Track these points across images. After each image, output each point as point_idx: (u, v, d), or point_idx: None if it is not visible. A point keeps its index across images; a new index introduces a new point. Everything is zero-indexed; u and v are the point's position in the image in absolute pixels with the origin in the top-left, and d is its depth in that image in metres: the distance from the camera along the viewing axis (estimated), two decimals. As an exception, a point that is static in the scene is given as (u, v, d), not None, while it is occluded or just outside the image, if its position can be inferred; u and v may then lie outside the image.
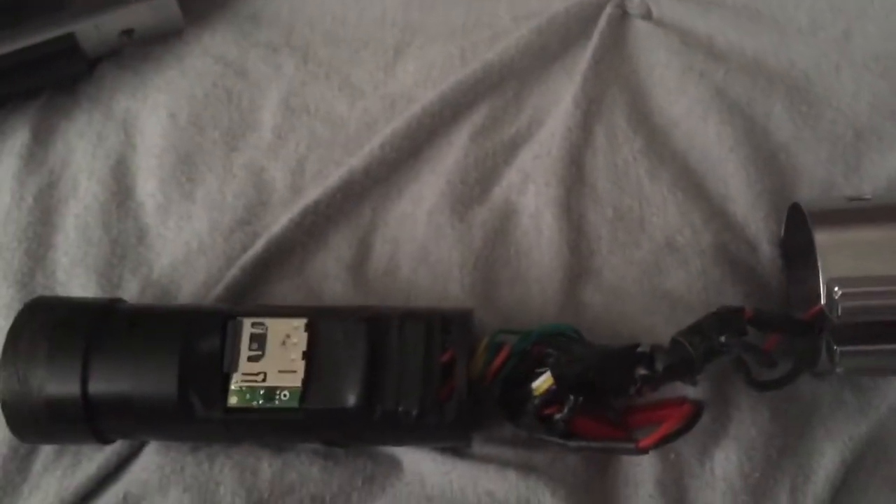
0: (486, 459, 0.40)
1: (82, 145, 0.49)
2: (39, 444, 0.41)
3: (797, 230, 0.41)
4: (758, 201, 0.45)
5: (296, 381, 0.37)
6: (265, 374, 0.37)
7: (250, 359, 0.37)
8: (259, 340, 0.37)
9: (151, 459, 0.40)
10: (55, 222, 0.47)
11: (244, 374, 0.37)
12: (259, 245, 0.44)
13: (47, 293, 0.44)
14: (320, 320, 0.38)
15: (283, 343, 0.37)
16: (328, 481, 0.40)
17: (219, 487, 0.39)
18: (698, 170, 0.47)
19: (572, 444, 0.38)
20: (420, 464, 0.40)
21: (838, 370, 0.38)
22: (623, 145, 0.47)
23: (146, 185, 0.47)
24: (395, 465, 0.41)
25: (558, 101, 0.49)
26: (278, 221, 0.45)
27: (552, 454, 0.40)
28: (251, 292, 0.44)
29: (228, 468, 0.40)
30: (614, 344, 0.39)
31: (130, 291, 0.45)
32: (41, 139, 0.49)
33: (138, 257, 0.46)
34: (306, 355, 0.37)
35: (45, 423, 0.37)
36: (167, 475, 0.40)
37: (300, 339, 0.37)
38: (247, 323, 0.38)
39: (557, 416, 0.37)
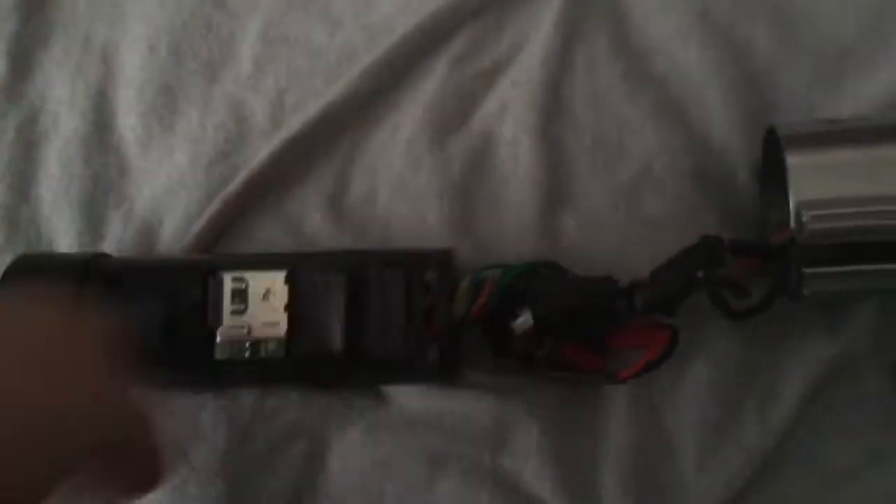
0: (465, 386, 0.41)
1: (61, 77, 0.49)
2: None
3: (773, 154, 0.41)
4: (737, 126, 0.45)
5: (280, 332, 0.38)
6: (249, 326, 0.38)
7: (233, 313, 0.38)
8: (241, 295, 0.38)
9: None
10: (37, 157, 0.47)
11: (229, 327, 0.38)
12: (240, 179, 0.45)
13: (32, 228, 0.45)
14: (300, 272, 0.38)
15: (265, 297, 0.38)
16: (308, 406, 0.41)
17: (201, 412, 0.41)
18: (678, 95, 0.46)
19: (555, 374, 0.39)
20: (399, 390, 0.41)
21: (805, 292, 0.39)
22: (603, 70, 0.47)
23: (127, 118, 0.48)
24: (374, 391, 0.42)
25: (538, 26, 0.48)
26: (258, 155, 0.45)
27: (529, 378, 0.41)
28: (233, 225, 0.45)
29: (212, 395, 0.41)
30: (593, 277, 0.39)
31: (114, 226, 0.45)
32: (18, 70, 0.49)
33: (121, 191, 0.46)
34: (288, 307, 0.38)
35: None
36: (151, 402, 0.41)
37: (281, 292, 0.38)
38: (227, 278, 0.38)
39: (539, 354, 0.38)
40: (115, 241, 0.45)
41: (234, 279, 0.38)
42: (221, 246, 0.45)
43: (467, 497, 0.39)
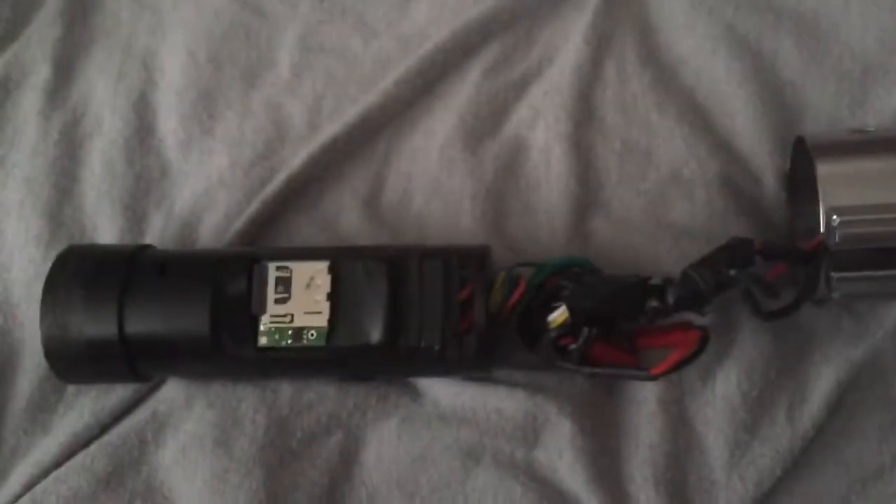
0: (497, 381, 0.42)
1: (103, 81, 0.50)
2: (82, 385, 0.43)
3: (802, 163, 0.42)
4: (764, 135, 0.46)
5: (322, 321, 0.38)
6: (292, 315, 0.39)
7: (277, 301, 0.39)
8: (285, 283, 0.39)
9: (180, 380, 0.43)
10: (81, 157, 0.48)
11: (272, 315, 0.39)
12: (278, 180, 0.46)
13: (76, 226, 0.46)
14: (342, 262, 0.39)
15: (308, 286, 0.39)
16: (344, 399, 0.42)
17: (241, 404, 0.42)
18: (705, 104, 0.48)
19: (587, 370, 0.39)
20: (433, 385, 0.42)
21: (834, 295, 0.39)
22: (632, 80, 0.48)
23: (168, 122, 0.49)
24: (408, 385, 0.43)
25: (568, 38, 0.49)
26: (297, 157, 0.46)
27: (561, 376, 0.42)
28: (271, 225, 0.46)
29: (251, 387, 0.42)
30: (626, 276, 0.40)
31: (154, 225, 0.46)
32: (62, 75, 0.50)
33: (162, 191, 0.47)
34: (330, 296, 0.39)
35: (86, 365, 0.39)
36: (193, 393, 0.42)
37: (324, 282, 0.39)
38: (271, 267, 0.39)
39: (573, 347, 0.39)
40: (155, 239, 0.46)
41: (279, 267, 0.39)
42: (260, 245, 0.46)
43: (502, 490, 0.40)
